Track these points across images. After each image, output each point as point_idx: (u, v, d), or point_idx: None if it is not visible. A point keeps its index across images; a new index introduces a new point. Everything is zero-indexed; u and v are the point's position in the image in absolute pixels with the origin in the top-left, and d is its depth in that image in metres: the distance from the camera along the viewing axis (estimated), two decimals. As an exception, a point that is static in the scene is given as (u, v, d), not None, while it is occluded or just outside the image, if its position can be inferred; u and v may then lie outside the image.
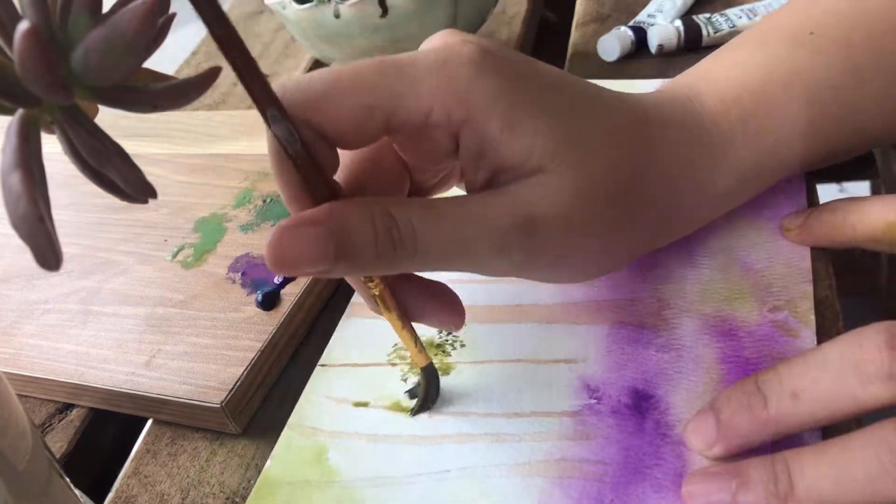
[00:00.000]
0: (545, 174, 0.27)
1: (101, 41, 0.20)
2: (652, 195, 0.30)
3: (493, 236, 0.26)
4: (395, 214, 0.25)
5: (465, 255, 0.26)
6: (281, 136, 0.24)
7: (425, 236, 0.25)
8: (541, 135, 0.26)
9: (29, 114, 0.21)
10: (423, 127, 0.26)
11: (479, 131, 0.26)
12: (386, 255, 0.25)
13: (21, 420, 0.25)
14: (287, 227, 0.24)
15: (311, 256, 0.24)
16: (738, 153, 0.31)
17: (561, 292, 0.35)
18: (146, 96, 0.22)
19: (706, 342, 0.31)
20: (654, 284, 0.34)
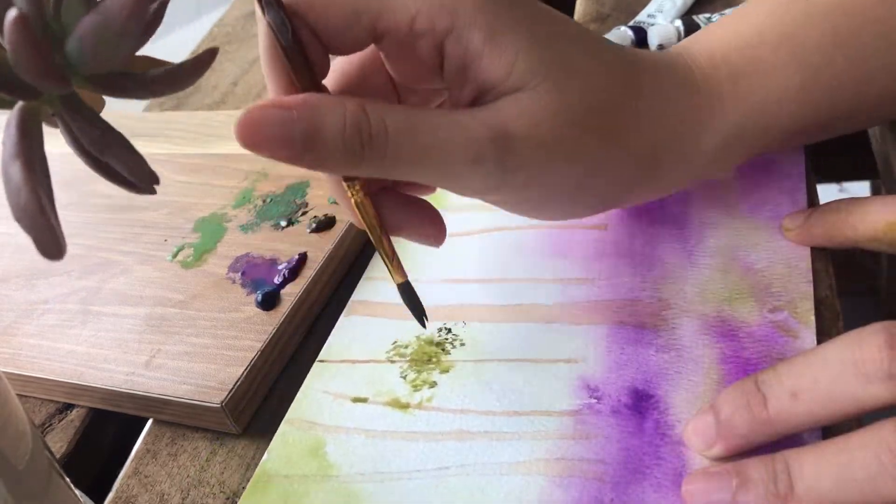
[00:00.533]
0: (524, 92, 0.27)
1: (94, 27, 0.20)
2: (633, 133, 0.30)
3: (468, 145, 0.26)
4: (370, 111, 0.26)
5: (438, 161, 0.26)
6: (273, 23, 0.25)
7: (398, 137, 0.26)
8: (523, 52, 0.27)
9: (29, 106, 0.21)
10: (409, 35, 0.26)
11: (462, 42, 0.26)
12: (353, 151, 0.25)
13: (21, 420, 0.25)
14: (259, 106, 0.25)
15: (276, 138, 0.25)
16: (725, 112, 0.31)
17: (561, 292, 0.35)
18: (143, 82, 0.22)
19: (706, 342, 0.31)
20: (654, 284, 0.34)
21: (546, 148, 0.28)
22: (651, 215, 0.37)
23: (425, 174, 0.27)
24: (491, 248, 0.38)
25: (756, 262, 0.33)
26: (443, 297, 0.36)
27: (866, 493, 0.22)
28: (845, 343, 0.24)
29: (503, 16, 0.27)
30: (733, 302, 0.32)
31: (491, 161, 0.27)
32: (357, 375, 0.34)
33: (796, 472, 0.24)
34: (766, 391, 0.26)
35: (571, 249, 0.37)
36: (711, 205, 0.36)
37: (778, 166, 0.37)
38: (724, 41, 0.32)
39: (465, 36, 0.26)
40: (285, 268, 0.39)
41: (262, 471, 0.31)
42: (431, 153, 0.26)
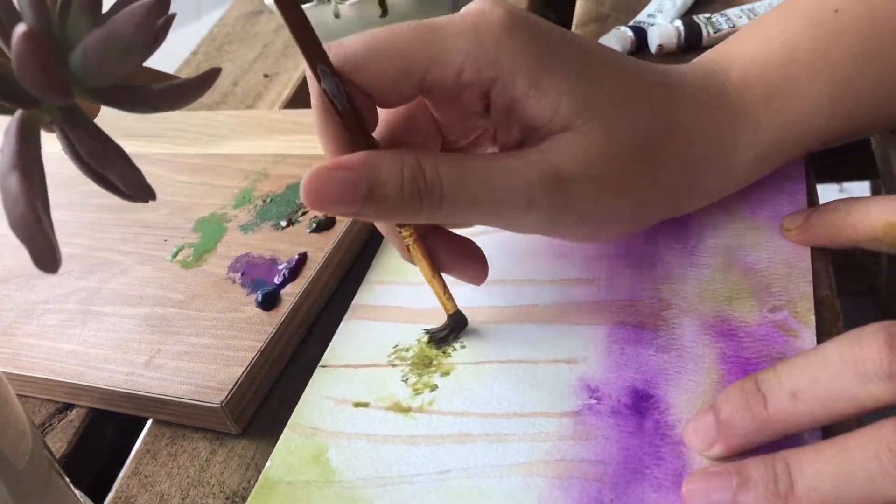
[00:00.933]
0: (572, 132, 0.28)
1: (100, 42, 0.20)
2: (676, 157, 0.31)
3: (521, 189, 0.27)
4: (424, 163, 0.27)
5: (492, 207, 0.28)
6: (330, 90, 0.27)
7: (452, 186, 0.27)
8: (566, 93, 0.28)
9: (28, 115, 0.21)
10: (456, 86, 0.28)
11: (507, 89, 0.28)
12: (411, 202, 0.27)
13: (21, 420, 0.25)
14: (324, 168, 0.26)
15: (342, 196, 0.26)
16: (759, 128, 0.32)
17: (561, 292, 0.35)
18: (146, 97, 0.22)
19: (706, 342, 0.31)
20: (654, 284, 0.34)
21: (596, 185, 0.29)
22: (651, 215, 0.37)
23: (481, 219, 0.29)
24: (491, 248, 0.38)
25: (756, 262, 0.33)
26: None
27: (866, 493, 0.22)
28: (845, 343, 0.24)
29: (545, 60, 0.28)
30: (733, 302, 0.32)
31: (544, 205, 0.28)
32: (359, 380, 0.34)
33: (796, 471, 0.24)
34: (766, 391, 0.26)
35: (571, 249, 0.37)
36: (711, 205, 0.36)
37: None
38: (759, 58, 0.33)
39: (509, 84, 0.27)
40: (285, 268, 0.39)
41: (265, 478, 0.31)
42: (486, 200, 0.27)
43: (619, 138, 0.29)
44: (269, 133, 0.51)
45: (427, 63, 0.27)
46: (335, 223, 0.41)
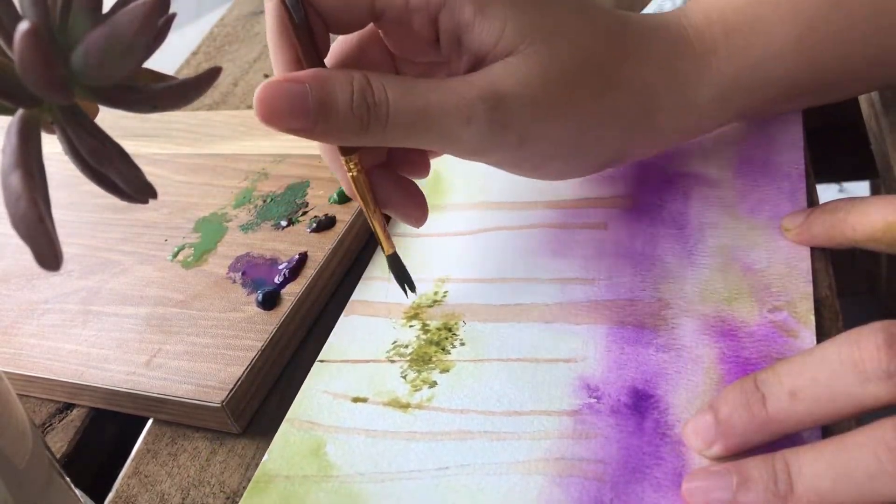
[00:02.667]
0: (514, 55, 0.29)
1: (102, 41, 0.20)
2: (624, 88, 0.31)
3: (461, 106, 0.28)
4: (372, 80, 0.28)
5: (433, 123, 0.28)
6: (290, 2, 0.28)
7: (397, 102, 0.28)
8: (510, 19, 0.28)
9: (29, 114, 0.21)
10: (405, 11, 0.29)
11: (454, 14, 0.29)
12: (360, 117, 0.28)
13: (21, 420, 0.25)
14: (274, 82, 0.27)
15: (293, 110, 0.27)
16: (721, 65, 0.33)
17: (561, 292, 0.35)
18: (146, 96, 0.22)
19: (706, 342, 0.31)
20: (654, 284, 0.34)
21: (537, 105, 0.29)
22: (651, 215, 0.37)
23: (423, 137, 0.29)
24: (491, 248, 0.38)
25: (756, 262, 0.33)
26: (443, 296, 0.36)
27: (865, 492, 0.22)
28: (844, 342, 0.24)
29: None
30: (733, 302, 0.32)
31: (483, 120, 0.28)
32: (357, 375, 0.34)
33: (796, 471, 0.24)
34: (766, 390, 0.26)
35: (571, 249, 0.37)
36: (711, 205, 0.36)
37: (778, 166, 0.37)
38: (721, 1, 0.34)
39: (456, 9, 0.28)
40: (286, 268, 0.39)
41: (263, 471, 0.31)
42: (427, 116, 0.28)
43: (562, 60, 0.29)
44: (269, 133, 0.51)
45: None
46: (335, 223, 0.41)
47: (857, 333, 0.24)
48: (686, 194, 0.37)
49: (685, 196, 0.37)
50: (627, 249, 0.36)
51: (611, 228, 0.37)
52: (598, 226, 0.37)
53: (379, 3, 0.29)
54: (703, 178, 0.38)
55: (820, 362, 0.25)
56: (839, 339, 0.25)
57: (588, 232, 0.37)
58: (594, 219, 0.38)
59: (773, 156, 0.37)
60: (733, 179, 0.37)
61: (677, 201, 0.37)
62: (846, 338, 0.24)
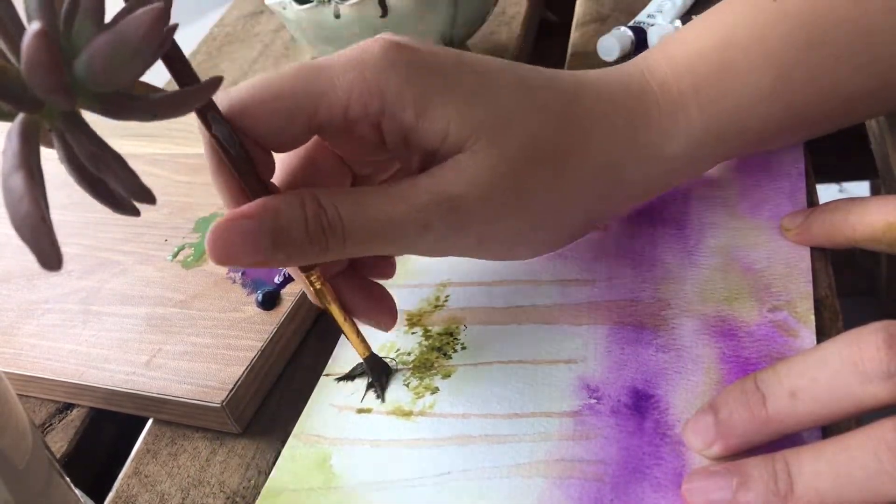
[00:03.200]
0: (463, 154, 0.28)
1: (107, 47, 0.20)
2: (582, 168, 0.30)
3: (415, 214, 0.27)
4: (322, 201, 0.27)
5: (390, 234, 0.27)
6: (222, 137, 0.26)
7: (351, 219, 0.27)
8: (453, 118, 0.27)
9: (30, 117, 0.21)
10: (346, 122, 0.27)
11: (395, 120, 0.28)
12: (318, 240, 0.27)
13: (21, 420, 0.25)
14: (223, 223, 0.26)
15: (248, 248, 0.26)
16: (689, 119, 0.32)
17: (561, 293, 0.35)
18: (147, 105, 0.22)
19: (706, 342, 0.31)
20: (654, 284, 0.34)
21: (491, 203, 0.28)
22: (651, 215, 0.37)
23: (383, 248, 0.28)
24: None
25: (756, 261, 0.33)
26: (444, 301, 0.36)
27: (865, 492, 0.22)
28: (844, 342, 0.24)
29: (428, 87, 0.27)
30: (733, 302, 0.32)
31: (440, 226, 0.28)
32: (361, 387, 0.34)
33: (796, 471, 0.24)
34: (766, 390, 0.26)
35: (571, 250, 0.37)
36: (711, 205, 0.36)
37: (778, 166, 0.37)
38: (689, 48, 0.33)
39: (396, 115, 0.27)
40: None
41: (270, 487, 0.31)
42: (383, 229, 0.27)
43: (510, 155, 0.28)
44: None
45: (313, 103, 0.27)
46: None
47: (858, 333, 0.24)
48: (686, 194, 0.37)
49: (685, 196, 0.37)
50: (627, 250, 0.36)
51: (611, 228, 0.37)
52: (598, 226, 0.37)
53: (315, 120, 0.27)
54: (704, 178, 0.38)
55: (820, 362, 0.25)
56: (839, 339, 0.25)
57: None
58: (594, 219, 0.37)
59: (773, 156, 0.37)
60: (733, 179, 0.37)
61: (677, 201, 0.37)
62: (846, 338, 0.24)
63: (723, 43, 0.32)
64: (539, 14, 0.64)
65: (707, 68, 0.32)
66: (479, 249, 0.30)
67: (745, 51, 0.32)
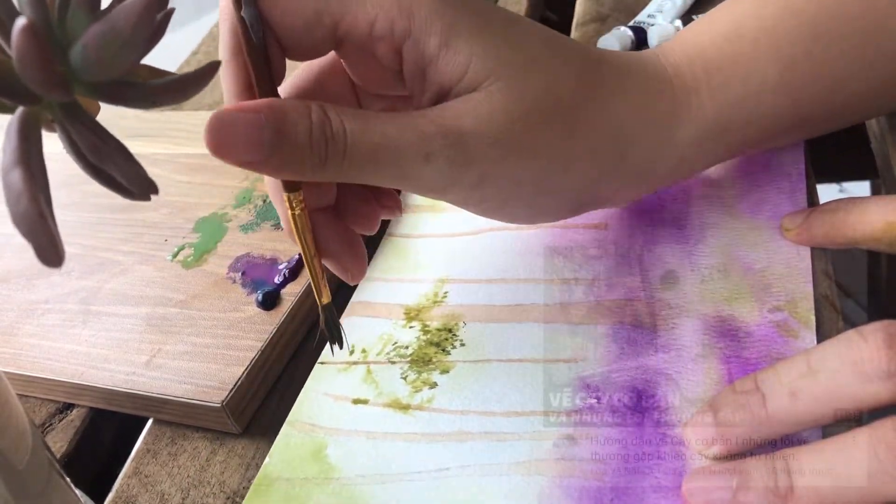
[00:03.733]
0: (478, 92, 0.27)
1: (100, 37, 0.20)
2: (593, 129, 0.30)
3: (419, 142, 0.27)
4: (329, 112, 0.26)
5: (391, 160, 0.27)
6: (249, 20, 0.26)
7: (355, 135, 0.26)
8: (476, 54, 0.27)
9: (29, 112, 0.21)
10: (368, 38, 0.27)
11: (418, 46, 0.27)
12: (318, 149, 0.26)
13: (21, 420, 0.25)
14: (226, 111, 0.25)
15: (246, 141, 0.25)
16: (701, 105, 0.31)
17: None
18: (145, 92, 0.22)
19: (706, 342, 0.31)
20: (654, 284, 0.34)
21: (499, 145, 0.28)
22: (651, 215, 0.37)
23: (381, 173, 0.27)
24: (491, 248, 0.38)
25: (756, 262, 0.33)
26: (443, 297, 0.36)
27: (865, 492, 0.22)
28: (844, 342, 0.24)
29: (458, 19, 0.27)
30: (733, 302, 0.32)
31: (442, 158, 0.27)
32: (358, 377, 0.34)
33: (796, 470, 0.24)
34: (766, 390, 0.26)
35: (571, 249, 0.37)
36: (711, 205, 0.36)
37: (778, 166, 0.37)
38: (701, 37, 0.33)
39: (421, 40, 0.27)
40: (285, 268, 0.39)
41: (264, 474, 0.31)
42: (384, 152, 0.27)
43: (527, 99, 0.28)
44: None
45: (341, 8, 0.26)
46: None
47: (857, 333, 0.24)
48: (686, 194, 0.37)
49: (685, 196, 0.37)
50: (627, 249, 0.36)
51: (611, 228, 0.37)
52: (599, 226, 0.37)
53: (342, 27, 0.27)
54: (704, 178, 0.38)
55: (820, 362, 0.25)
56: (839, 339, 0.25)
57: (588, 232, 0.37)
58: (594, 219, 0.37)
59: (773, 156, 0.37)
60: (733, 179, 0.37)
61: (677, 201, 0.37)
62: (846, 337, 0.24)
63: (732, 33, 0.32)
64: (539, 14, 0.64)
65: (718, 56, 0.32)
66: (474, 193, 0.29)
67: (754, 42, 0.32)
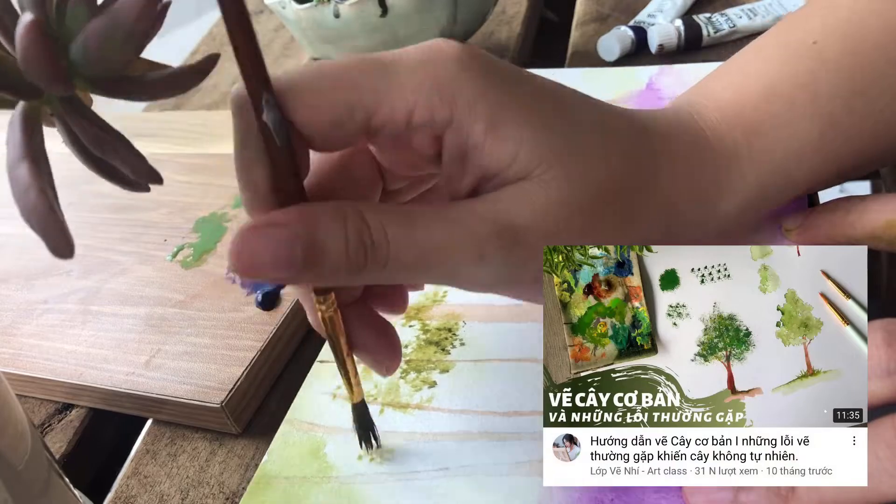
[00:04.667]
0: (530, 181, 0.25)
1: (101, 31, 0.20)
2: (648, 215, 0.28)
3: (471, 243, 0.24)
4: (368, 218, 0.24)
5: (438, 261, 0.24)
6: (272, 123, 0.23)
7: (398, 241, 0.24)
8: (526, 140, 0.25)
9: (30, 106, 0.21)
10: (406, 128, 0.25)
11: (462, 133, 0.25)
12: (356, 262, 0.24)
13: (20, 420, 0.25)
14: (253, 228, 0.23)
15: (277, 260, 0.23)
16: (742, 172, 0.29)
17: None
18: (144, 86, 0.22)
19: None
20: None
21: (557, 240, 0.25)
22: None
23: (427, 276, 0.25)
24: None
25: (756, 261, 0.33)
26: (442, 296, 0.36)
27: (865, 491, 0.22)
28: (845, 342, 0.24)
29: (505, 102, 0.25)
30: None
31: (497, 259, 0.25)
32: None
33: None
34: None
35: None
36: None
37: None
38: (736, 96, 0.30)
39: (465, 127, 0.24)
40: (285, 268, 0.39)
41: (263, 472, 0.31)
42: (433, 256, 0.24)
43: (582, 190, 0.25)
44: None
45: (375, 99, 0.24)
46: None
47: (858, 332, 0.24)
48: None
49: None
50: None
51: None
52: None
53: (376, 119, 0.24)
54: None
55: (820, 362, 0.25)
56: (839, 338, 0.25)
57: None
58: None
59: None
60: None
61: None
62: (846, 337, 0.24)
63: (766, 92, 0.30)
64: (539, 14, 0.64)
65: (756, 118, 0.29)
66: (531, 289, 0.27)
67: (791, 101, 0.29)
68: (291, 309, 0.37)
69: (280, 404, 0.35)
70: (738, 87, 0.30)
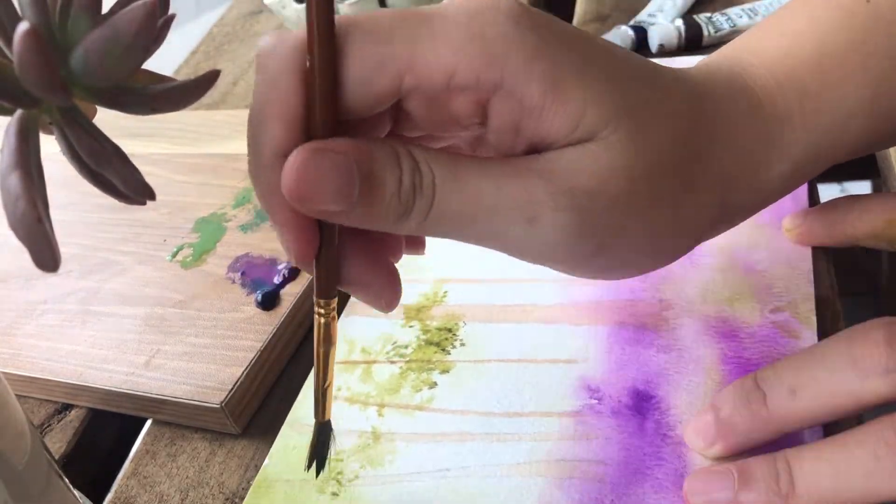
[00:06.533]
0: (594, 143, 0.23)
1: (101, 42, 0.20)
2: (709, 179, 0.26)
3: (522, 202, 0.22)
4: (417, 156, 0.22)
5: (486, 219, 0.22)
6: None
7: (444, 189, 0.22)
8: (592, 102, 0.22)
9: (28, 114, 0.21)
10: (444, 91, 0.22)
11: (515, 97, 0.22)
12: (406, 206, 0.22)
13: (20, 420, 0.25)
14: (314, 149, 0.21)
15: (334, 187, 0.21)
16: (794, 134, 0.27)
17: (562, 292, 0.35)
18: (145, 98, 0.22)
19: (707, 343, 0.31)
20: (655, 285, 0.34)
21: (619, 207, 0.23)
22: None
23: (467, 234, 0.23)
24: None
25: (757, 262, 0.33)
26: (442, 297, 0.36)
27: (865, 490, 0.22)
28: (844, 339, 0.24)
29: (564, 61, 0.22)
30: (734, 302, 0.32)
31: (551, 223, 0.23)
32: (357, 376, 0.34)
33: (797, 470, 0.24)
34: (766, 389, 0.25)
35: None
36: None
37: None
38: (786, 54, 0.28)
39: (518, 90, 0.22)
40: (285, 268, 0.39)
41: (263, 476, 0.31)
42: (480, 211, 0.22)
43: (648, 156, 0.23)
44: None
45: (410, 55, 0.21)
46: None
47: (857, 330, 0.24)
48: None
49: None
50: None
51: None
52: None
53: (410, 78, 0.21)
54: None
55: (820, 360, 0.25)
56: (839, 336, 0.25)
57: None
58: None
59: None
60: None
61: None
62: (846, 335, 0.24)
63: (818, 52, 0.28)
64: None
65: (808, 78, 0.27)
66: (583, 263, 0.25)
67: (842, 61, 0.28)
68: (291, 309, 0.37)
69: (280, 404, 0.35)
70: (789, 45, 0.28)
